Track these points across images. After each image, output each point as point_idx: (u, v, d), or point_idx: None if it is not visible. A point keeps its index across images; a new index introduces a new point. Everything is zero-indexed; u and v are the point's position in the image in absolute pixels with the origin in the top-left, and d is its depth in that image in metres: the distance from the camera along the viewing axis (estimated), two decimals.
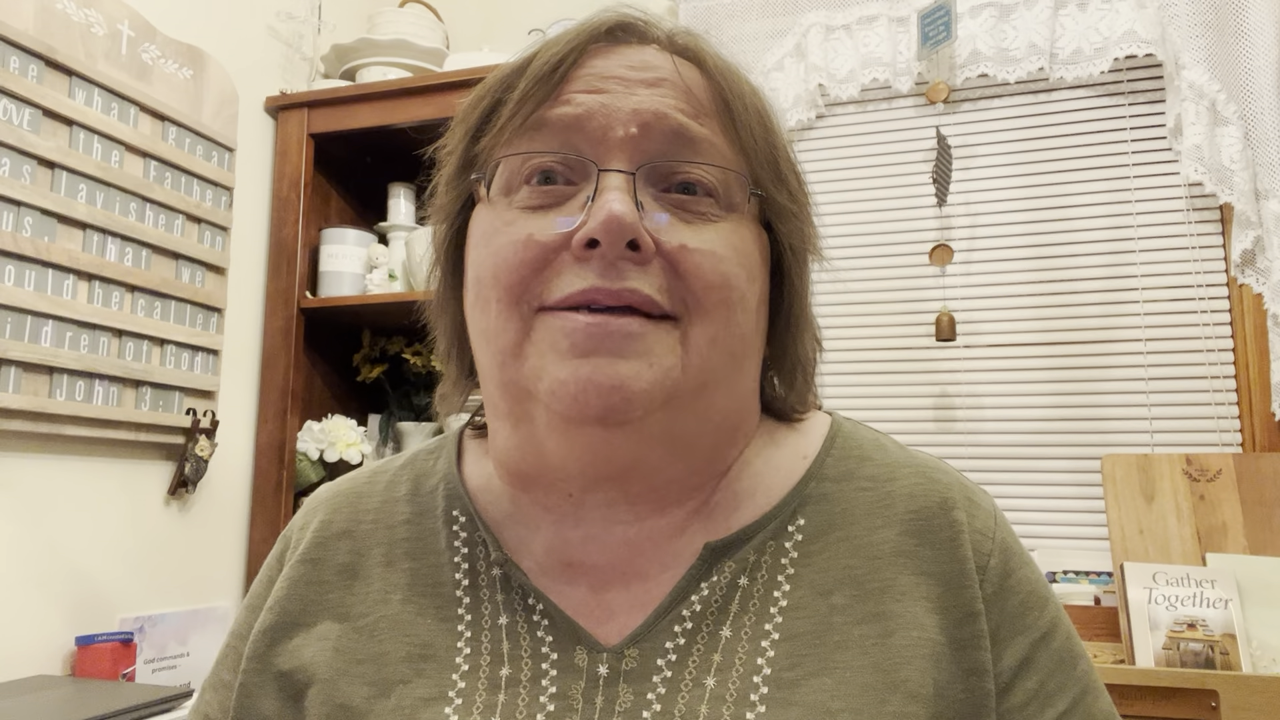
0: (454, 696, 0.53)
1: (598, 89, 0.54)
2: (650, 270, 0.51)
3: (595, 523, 0.57)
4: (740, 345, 0.55)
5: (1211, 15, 1.83)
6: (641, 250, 0.51)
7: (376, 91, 2.02)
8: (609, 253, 0.50)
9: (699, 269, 0.52)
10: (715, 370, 0.53)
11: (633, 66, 0.55)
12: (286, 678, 0.57)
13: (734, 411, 0.58)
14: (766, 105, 0.59)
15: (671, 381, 0.51)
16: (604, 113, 0.53)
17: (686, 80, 0.56)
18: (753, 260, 0.55)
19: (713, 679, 0.52)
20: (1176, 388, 1.87)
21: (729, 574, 0.55)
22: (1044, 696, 0.54)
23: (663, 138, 0.53)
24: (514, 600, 0.56)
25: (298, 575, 0.61)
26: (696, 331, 0.52)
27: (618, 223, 0.50)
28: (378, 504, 0.63)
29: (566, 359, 0.50)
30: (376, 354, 2.18)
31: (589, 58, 0.56)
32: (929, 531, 0.56)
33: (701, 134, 0.54)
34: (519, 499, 0.60)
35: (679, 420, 0.53)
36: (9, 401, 1.45)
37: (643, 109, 0.53)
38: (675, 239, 0.52)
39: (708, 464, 0.57)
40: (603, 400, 0.50)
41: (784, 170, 0.58)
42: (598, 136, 0.53)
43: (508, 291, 0.53)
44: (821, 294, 2.30)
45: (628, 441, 0.53)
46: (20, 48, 1.50)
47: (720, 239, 0.53)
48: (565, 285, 0.51)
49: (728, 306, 0.53)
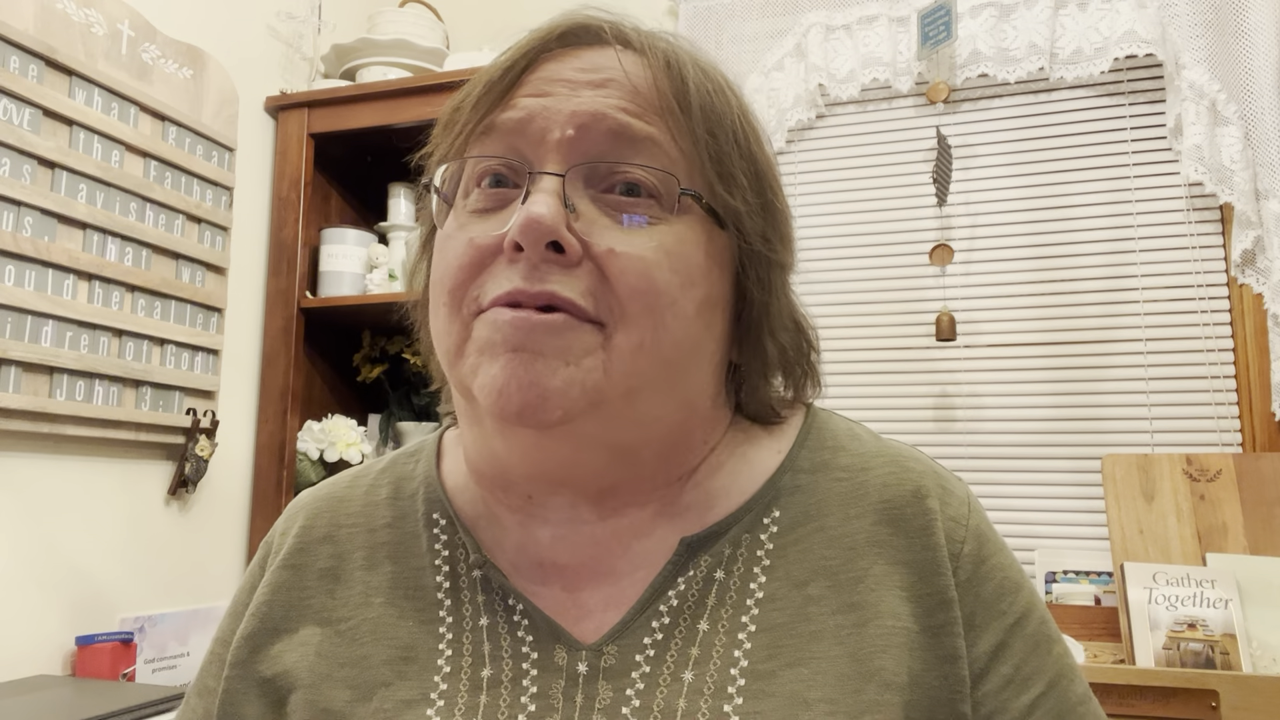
0: (436, 698, 0.54)
1: (543, 92, 0.54)
2: (577, 274, 0.51)
3: (561, 523, 0.57)
4: (675, 352, 0.53)
5: (1212, 15, 1.83)
6: (567, 253, 0.51)
7: (376, 91, 2.02)
8: (531, 255, 0.50)
9: (623, 274, 0.51)
10: (644, 376, 0.52)
11: (582, 69, 0.55)
12: (269, 684, 0.58)
13: (679, 420, 0.57)
14: (726, 103, 0.57)
15: (592, 383, 0.51)
16: (544, 115, 0.53)
17: (635, 79, 0.54)
18: (691, 264, 0.53)
19: (690, 672, 0.52)
20: (1177, 388, 1.87)
21: (705, 568, 0.56)
22: (1019, 681, 0.54)
23: (601, 138, 0.53)
24: (494, 601, 0.57)
25: (279, 581, 0.61)
26: (621, 338, 0.51)
27: (535, 224, 0.49)
28: (359, 508, 0.64)
29: (494, 356, 0.51)
30: (376, 354, 2.18)
31: (544, 62, 0.55)
32: (902, 520, 0.56)
33: (645, 133, 0.53)
34: (488, 499, 0.60)
35: (612, 427, 0.53)
36: (9, 401, 1.46)
37: (580, 110, 0.53)
38: (604, 243, 0.51)
39: (659, 469, 0.57)
40: (521, 396, 0.50)
41: (733, 169, 0.55)
42: (537, 139, 0.53)
43: (450, 295, 0.53)
44: (821, 294, 2.30)
45: (561, 446, 0.53)
46: (20, 48, 1.50)
47: (652, 243, 0.52)
48: (494, 287, 0.52)
49: (654, 313, 0.51)
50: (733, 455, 0.60)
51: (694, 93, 0.55)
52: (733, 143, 0.56)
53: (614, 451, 0.55)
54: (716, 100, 0.56)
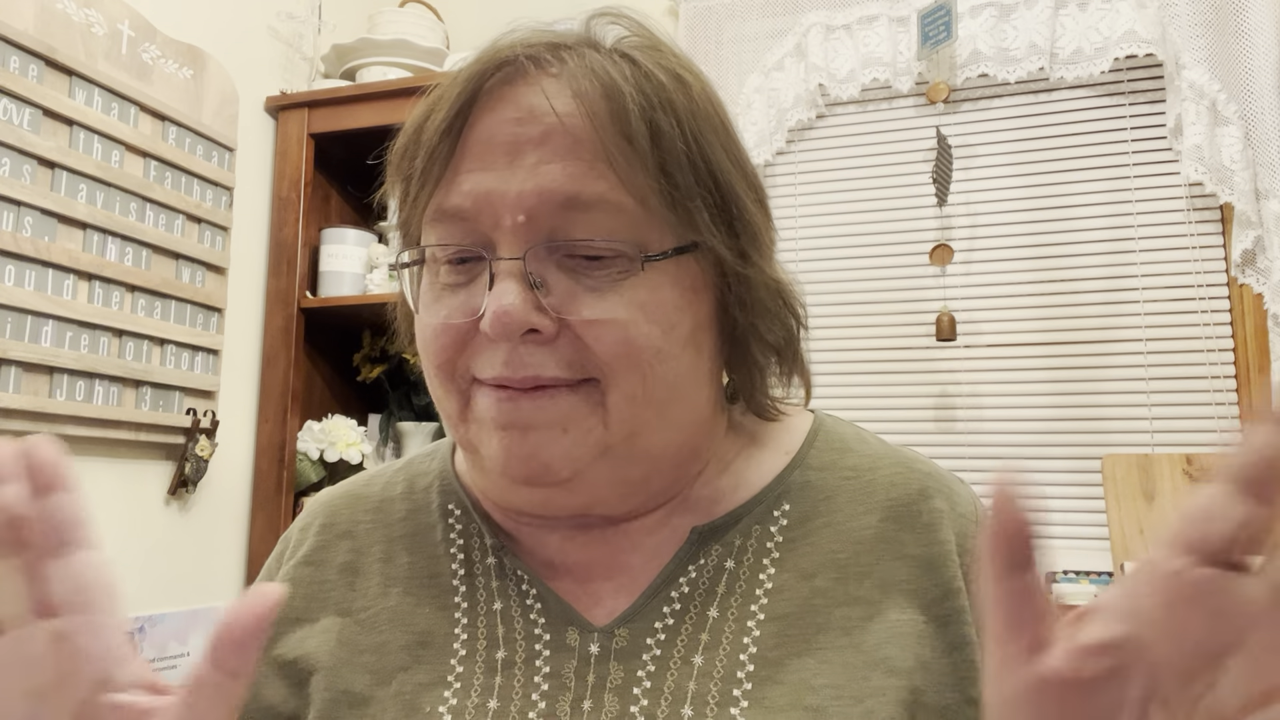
0: (452, 680, 0.56)
1: (485, 165, 0.53)
2: (557, 346, 0.52)
3: (571, 531, 0.59)
4: (669, 391, 0.54)
5: (1212, 15, 1.83)
6: (542, 333, 0.52)
7: (377, 91, 2.02)
8: (510, 343, 0.52)
9: (600, 340, 0.51)
10: (642, 420, 0.54)
11: (519, 120, 0.52)
12: (290, 666, 0.59)
13: (684, 441, 0.58)
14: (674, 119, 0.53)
15: (594, 440, 0.53)
16: (489, 202, 0.52)
17: (571, 126, 0.52)
18: (668, 308, 0.53)
19: (701, 657, 0.54)
20: (1177, 388, 1.87)
21: (715, 557, 0.57)
22: None
23: (554, 213, 0.52)
24: (508, 586, 0.59)
25: (299, 576, 0.63)
26: (614, 394, 0.52)
27: (504, 320, 0.51)
28: (375, 504, 0.66)
29: (494, 432, 0.53)
30: (376, 354, 2.18)
31: (478, 113, 0.53)
32: (908, 518, 0.58)
33: (593, 196, 0.51)
34: (495, 512, 0.62)
35: (620, 467, 0.55)
36: (9, 401, 1.45)
37: (526, 191, 0.51)
38: (577, 313, 0.52)
39: (671, 484, 0.59)
40: (525, 468, 0.53)
41: (692, 199, 0.53)
42: (489, 226, 0.53)
43: (440, 370, 0.55)
44: (821, 294, 2.30)
45: (573, 494, 0.56)
46: (20, 48, 1.50)
47: (624, 302, 0.52)
48: (484, 367, 0.53)
49: (639, 367, 0.52)
50: (740, 454, 0.62)
51: (635, 124, 0.52)
52: (687, 166, 0.53)
53: (625, 486, 0.57)
54: (662, 119, 0.53)
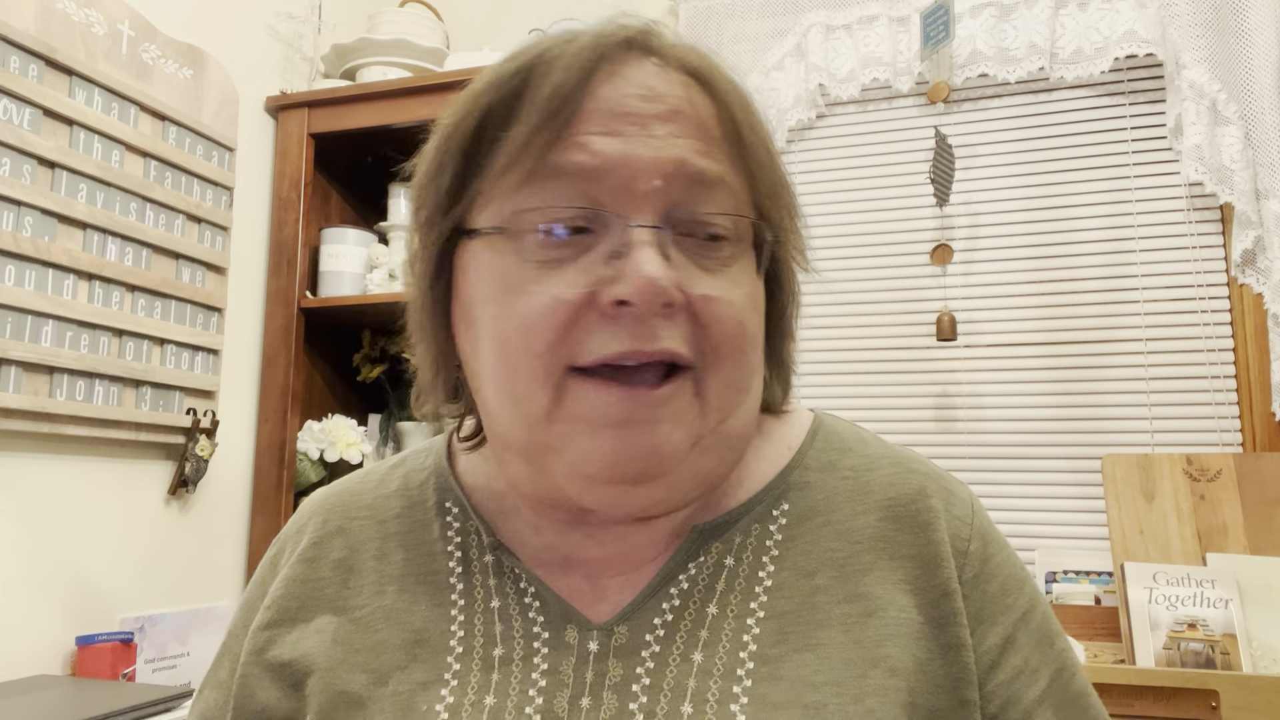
0: (449, 679, 0.56)
1: (613, 130, 0.51)
2: (678, 322, 0.52)
3: (598, 527, 0.58)
4: (752, 379, 0.56)
5: (1212, 15, 1.83)
6: (674, 307, 0.51)
7: (377, 91, 2.02)
8: (644, 313, 0.50)
9: (718, 319, 0.52)
10: (731, 407, 0.55)
11: (644, 96, 0.52)
12: (286, 667, 0.59)
13: (747, 429, 0.59)
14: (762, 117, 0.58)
15: (695, 431, 0.53)
16: (624, 164, 0.51)
17: (698, 109, 0.54)
18: (758, 295, 0.56)
19: (700, 654, 0.54)
20: (1177, 388, 1.87)
21: (716, 555, 0.58)
22: (1029, 673, 0.56)
23: (683, 186, 0.52)
24: (506, 585, 0.58)
25: (295, 574, 0.63)
26: (713, 379, 0.53)
27: (653, 287, 0.49)
28: (369, 501, 0.65)
29: (600, 430, 0.51)
30: (376, 354, 2.18)
31: (596, 83, 0.52)
32: (906, 517, 0.58)
33: (716, 175, 0.53)
34: (522, 507, 0.60)
35: (703, 459, 0.55)
36: (9, 401, 1.45)
37: (663, 158, 0.51)
38: (698, 289, 0.52)
39: (722, 476, 0.59)
40: (636, 466, 0.52)
41: (780, 189, 0.58)
42: (620, 189, 0.51)
43: (539, 358, 0.51)
44: (822, 294, 2.30)
45: (655, 491, 0.54)
46: (20, 48, 1.50)
47: (735, 285, 0.54)
48: (597, 347, 0.50)
49: (742, 352, 0.54)
50: (750, 447, 0.62)
51: (741, 120, 0.55)
52: (766, 164, 0.57)
53: (701, 477, 0.56)
54: (755, 121, 0.57)
